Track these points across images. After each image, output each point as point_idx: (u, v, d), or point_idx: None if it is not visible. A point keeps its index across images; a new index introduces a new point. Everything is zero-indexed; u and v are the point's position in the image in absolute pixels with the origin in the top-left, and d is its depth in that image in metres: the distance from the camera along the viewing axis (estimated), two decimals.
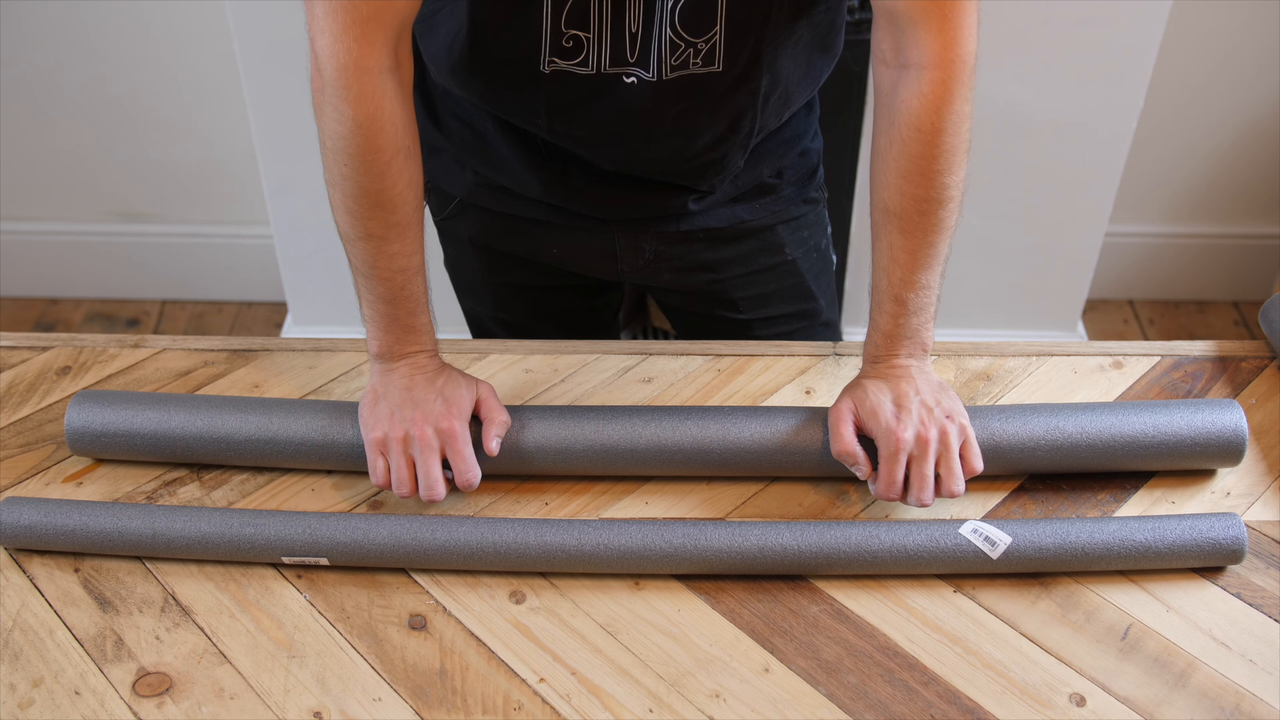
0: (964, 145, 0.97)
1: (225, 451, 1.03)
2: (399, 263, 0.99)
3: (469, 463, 0.97)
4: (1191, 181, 2.31)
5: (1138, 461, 1.01)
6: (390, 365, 1.01)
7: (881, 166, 0.99)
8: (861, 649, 0.90)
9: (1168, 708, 0.86)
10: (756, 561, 0.94)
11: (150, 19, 2.12)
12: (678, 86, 1.00)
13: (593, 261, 1.23)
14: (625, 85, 1.00)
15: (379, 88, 0.93)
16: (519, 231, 1.21)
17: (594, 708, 0.87)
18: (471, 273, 1.29)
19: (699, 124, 1.05)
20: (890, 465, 0.95)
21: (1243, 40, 2.11)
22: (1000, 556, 0.93)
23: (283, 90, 1.88)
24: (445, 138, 1.18)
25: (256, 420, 1.03)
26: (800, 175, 1.22)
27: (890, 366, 1.01)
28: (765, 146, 1.16)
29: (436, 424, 0.97)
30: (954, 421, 0.96)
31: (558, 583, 0.96)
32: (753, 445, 1.00)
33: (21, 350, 1.18)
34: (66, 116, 2.25)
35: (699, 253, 1.21)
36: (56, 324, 2.46)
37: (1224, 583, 0.95)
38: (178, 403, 1.04)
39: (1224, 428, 1.00)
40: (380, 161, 0.94)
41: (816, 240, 1.27)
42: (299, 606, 0.94)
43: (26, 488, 1.04)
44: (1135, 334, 2.39)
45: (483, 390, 1.02)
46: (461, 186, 1.20)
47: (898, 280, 0.99)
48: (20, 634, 0.92)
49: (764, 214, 1.21)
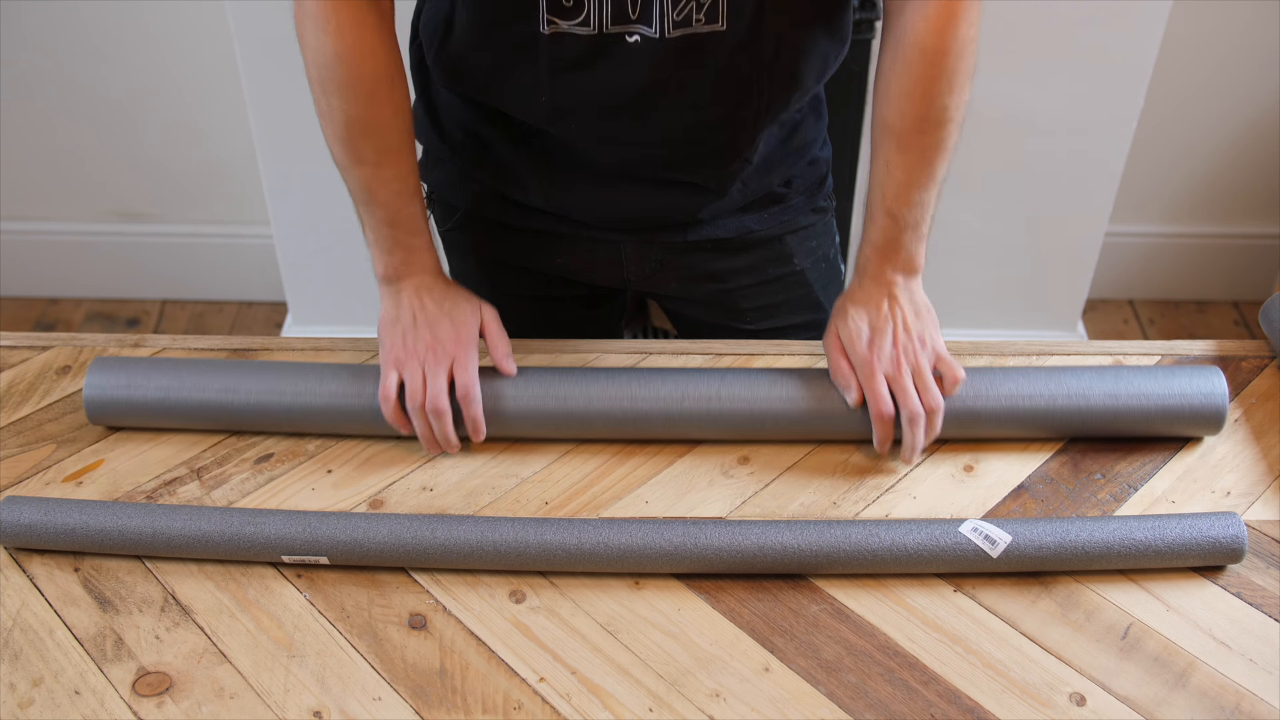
0: (968, 69, 0.99)
1: (250, 414, 1.07)
2: (394, 186, 1.03)
3: (472, 379, 1.03)
4: (1191, 181, 2.31)
5: (1120, 422, 1.05)
6: (397, 287, 1.06)
7: (884, 84, 1.00)
8: (861, 648, 0.90)
9: (1168, 707, 0.86)
10: (756, 561, 0.94)
11: (150, 19, 2.12)
12: (681, 47, 0.98)
13: (598, 270, 1.22)
14: (628, 45, 0.98)
15: (358, 18, 0.96)
16: (524, 242, 1.21)
17: (594, 707, 0.87)
18: (476, 284, 1.28)
19: (705, 95, 1.02)
20: (870, 385, 1.01)
21: (1243, 40, 2.11)
22: (1000, 555, 0.93)
23: (283, 90, 1.88)
24: (449, 148, 1.18)
25: (283, 382, 1.06)
26: (809, 184, 1.21)
27: (876, 282, 1.04)
28: (775, 154, 1.14)
29: (445, 344, 1.03)
30: (926, 346, 1.03)
31: (558, 582, 0.96)
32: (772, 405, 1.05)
33: (21, 350, 1.18)
34: (66, 116, 2.25)
35: (707, 262, 1.21)
36: (56, 324, 2.47)
37: (1224, 582, 0.95)
38: (199, 366, 1.08)
39: (1206, 392, 1.04)
40: (364, 90, 0.98)
41: (825, 250, 1.27)
42: (299, 606, 0.94)
43: (26, 487, 1.04)
44: (1135, 334, 2.39)
45: (486, 313, 1.07)
46: (465, 198, 1.20)
47: (891, 195, 1.02)
48: (20, 633, 0.92)
49: (772, 224, 1.20)
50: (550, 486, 1.04)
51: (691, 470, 1.05)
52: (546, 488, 1.04)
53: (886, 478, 1.04)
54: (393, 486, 1.04)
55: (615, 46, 0.99)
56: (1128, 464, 1.05)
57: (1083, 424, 1.05)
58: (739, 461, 1.06)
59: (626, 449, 1.07)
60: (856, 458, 1.06)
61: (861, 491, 1.03)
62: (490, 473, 1.05)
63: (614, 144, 1.08)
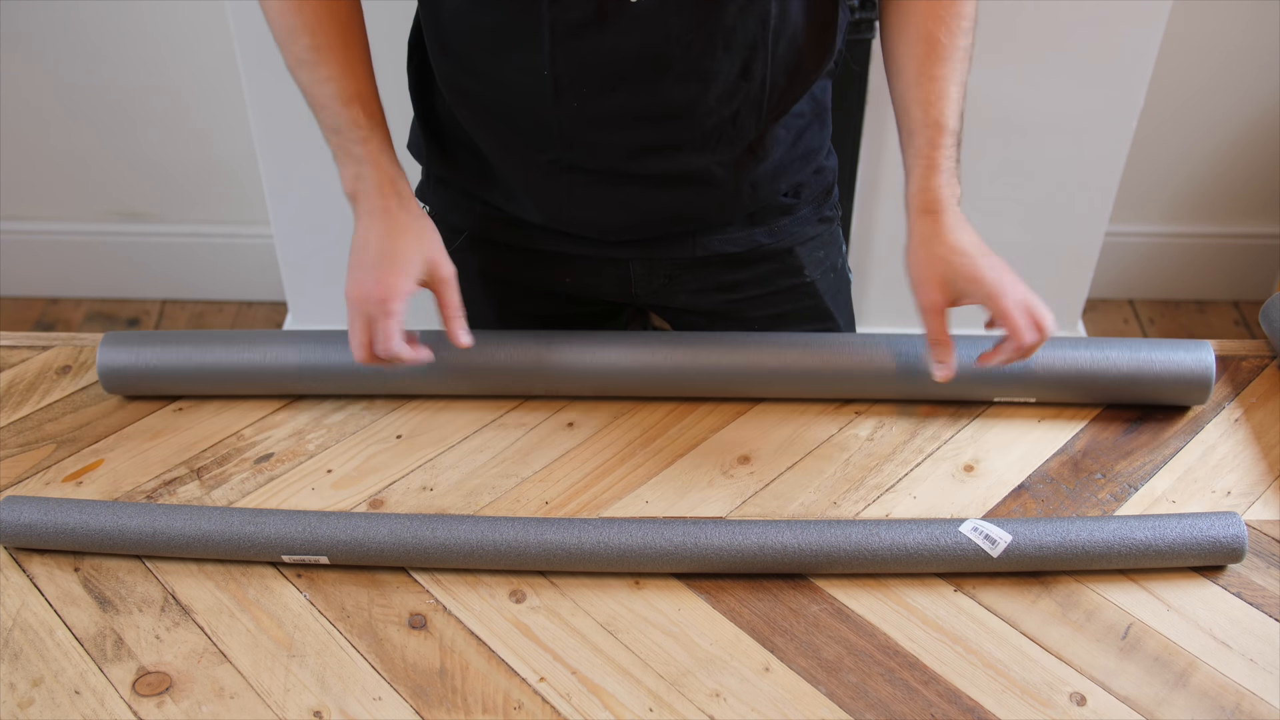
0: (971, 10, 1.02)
1: (260, 377, 1.11)
2: (330, 88, 1.02)
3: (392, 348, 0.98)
4: (1191, 181, 2.31)
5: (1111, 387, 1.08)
6: (356, 209, 1.04)
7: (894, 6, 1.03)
8: (862, 648, 0.90)
9: (1168, 707, 0.86)
10: (757, 560, 0.94)
11: (150, 19, 2.12)
12: (684, 7, 0.97)
13: (606, 287, 1.21)
14: (631, 7, 0.97)
15: None
16: (530, 262, 1.20)
17: (594, 707, 0.87)
18: (482, 306, 1.26)
19: (709, 65, 1.01)
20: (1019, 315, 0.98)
21: (1243, 40, 2.11)
22: (1000, 555, 0.93)
23: (283, 90, 1.87)
24: (451, 169, 1.17)
25: (293, 349, 1.10)
26: (816, 194, 1.21)
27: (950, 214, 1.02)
28: (782, 161, 1.13)
29: (371, 299, 0.99)
30: None
31: (558, 582, 0.96)
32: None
33: (21, 350, 1.18)
34: (66, 116, 2.25)
35: (716, 275, 1.20)
36: (56, 324, 2.47)
37: (1224, 582, 0.95)
38: (211, 336, 1.12)
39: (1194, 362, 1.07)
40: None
41: (833, 260, 1.26)
42: (299, 606, 0.94)
43: (26, 487, 1.04)
44: (1135, 333, 2.39)
45: (434, 262, 1.02)
46: (469, 220, 1.19)
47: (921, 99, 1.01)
48: (20, 633, 0.92)
49: (781, 236, 1.19)
50: (550, 486, 1.04)
51: (691, 470, 1.05)
52: (546, 488, 1.04)
53: (886, 478, 1.04)
54: (393, 486, 1.04)
55: (617, 9, 0.97)
56: (1128, 464, 1.05)
57: (1069, 383, 1.08)
58: (739, 461, 1.06)
59: (627, 449, 1.07)
60: (856, 458, 1.06)
61: (861, 491, 1.03)
62: (490, 473, 1.05)
63: (618, 125, 1.05)
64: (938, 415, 1.10)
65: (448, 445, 1.08)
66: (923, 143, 1.01)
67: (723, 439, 1.08)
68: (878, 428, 1.09)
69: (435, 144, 1.17)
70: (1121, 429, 1.08)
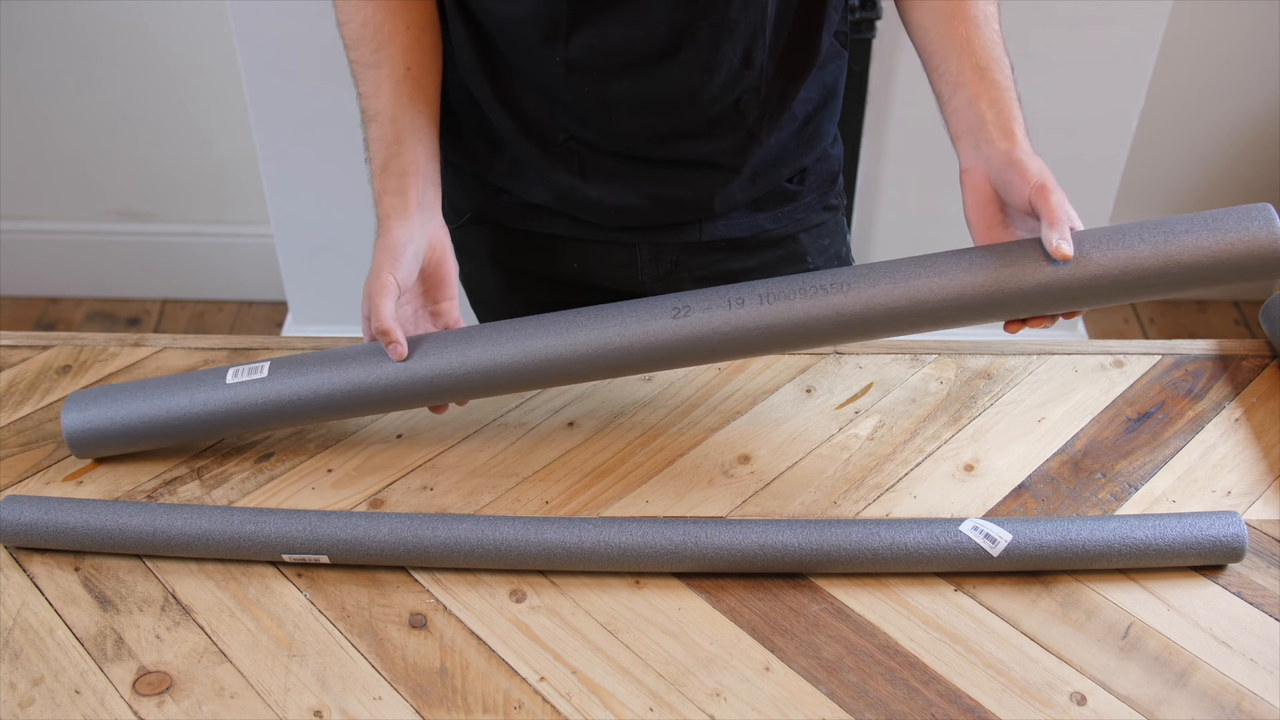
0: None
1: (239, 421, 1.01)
2: (362, 104, 1.06)
3: (381, 311, 0.97)
4: (1191, 181, 2.31)
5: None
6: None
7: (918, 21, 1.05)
8: (862, 648, 0.90)
9: (1168, 707, 0.86)
10: (757, 560, 0.94)
11: (150, 19, 2.12)
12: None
13: (613, 273, 1.22)
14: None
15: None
16: (538, 247, 1.21)
17: (594, 706, 0.87)
18: (489, 290, 1.29)
19: (714, 54, 1.03)
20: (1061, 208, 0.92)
21: (1243, 40, 2.11)
22: (1001, 554, 0.93)
23: (283, 90, 1.88)
24: (462, 153, 1.18)
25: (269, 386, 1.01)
26: (821, 181, 1.22)
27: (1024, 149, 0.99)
28: (785, 143, 1.15)
29: (371, 277, 0.99)
30: None
31: (558, 581, 0.96)
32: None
33: (21, 349, 1.18)
34: (66, 116, 2.26)
35: (721, 262, 1.21)
36: (57, 323, 2.47)
37: (1225, 581, 0.95)
38: (174, 384, 1.02)
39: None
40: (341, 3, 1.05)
41: (837, 248, 1.27)
42: (299, 605, 0.94)
43: (27, 486, 1.04)
44: (1135, 333, 2.39)
45: (436, 244, 1.04)
46: (478, 203, 1.20)
47: (965, 48, 1.06)
48: (20, 633, 0.92)
49: (786, 222, 1.21)
50: (550, 486, 1.04)
51: (691, 470, 1.05)
52: (546, 487, 1.04)
53: (886, 478, 1.04)
54: (393, 486, 1.04)
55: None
56: (1128, 463, 1.05)
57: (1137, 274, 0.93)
58: (739, 461, 1.06)
59: (627, 449, 1.07)
60: (857, 457, 1.06)
61: (861, 491, 1.03)
62: (490, 472, 1.05)
63: (626, 110, 1.07)
64: (938, 415, 1.10)
65: (448, 445, 1.08)
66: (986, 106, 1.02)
67: (723, 438, 1.08)
68: (878, 428, 1.09)
69: (447, 127, 1.18)
70: (1121, 429, 1.08)
